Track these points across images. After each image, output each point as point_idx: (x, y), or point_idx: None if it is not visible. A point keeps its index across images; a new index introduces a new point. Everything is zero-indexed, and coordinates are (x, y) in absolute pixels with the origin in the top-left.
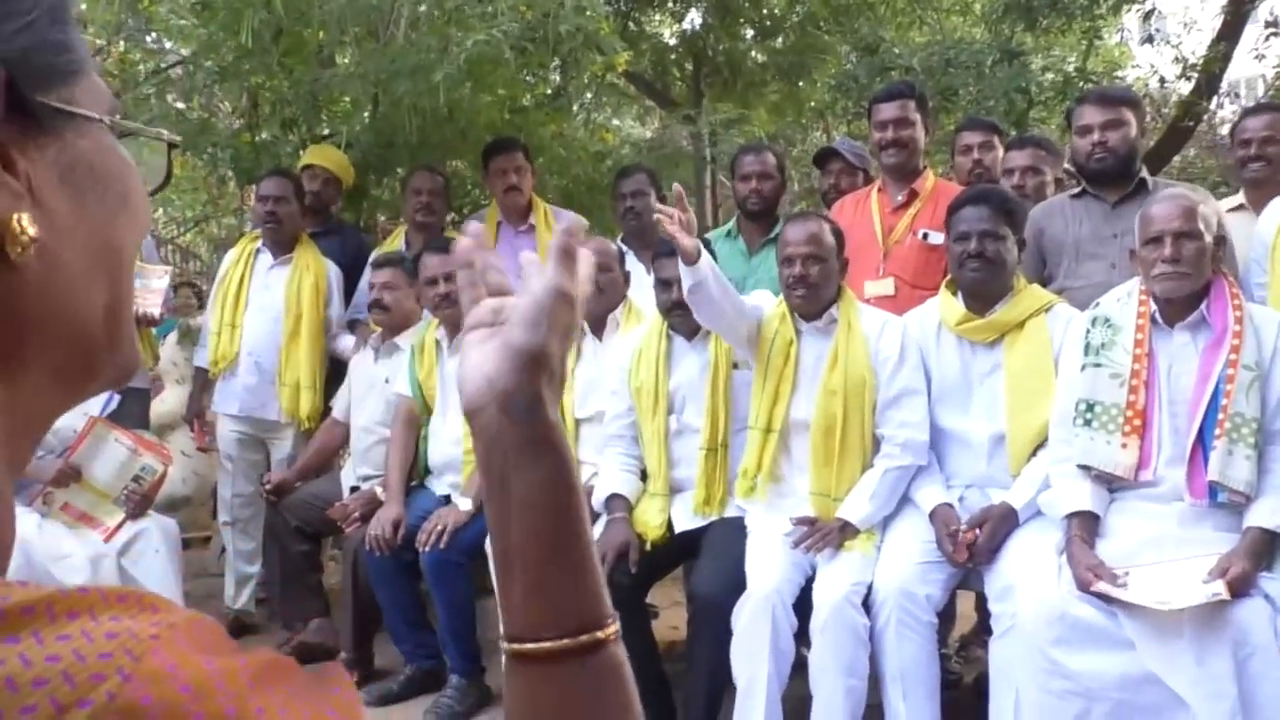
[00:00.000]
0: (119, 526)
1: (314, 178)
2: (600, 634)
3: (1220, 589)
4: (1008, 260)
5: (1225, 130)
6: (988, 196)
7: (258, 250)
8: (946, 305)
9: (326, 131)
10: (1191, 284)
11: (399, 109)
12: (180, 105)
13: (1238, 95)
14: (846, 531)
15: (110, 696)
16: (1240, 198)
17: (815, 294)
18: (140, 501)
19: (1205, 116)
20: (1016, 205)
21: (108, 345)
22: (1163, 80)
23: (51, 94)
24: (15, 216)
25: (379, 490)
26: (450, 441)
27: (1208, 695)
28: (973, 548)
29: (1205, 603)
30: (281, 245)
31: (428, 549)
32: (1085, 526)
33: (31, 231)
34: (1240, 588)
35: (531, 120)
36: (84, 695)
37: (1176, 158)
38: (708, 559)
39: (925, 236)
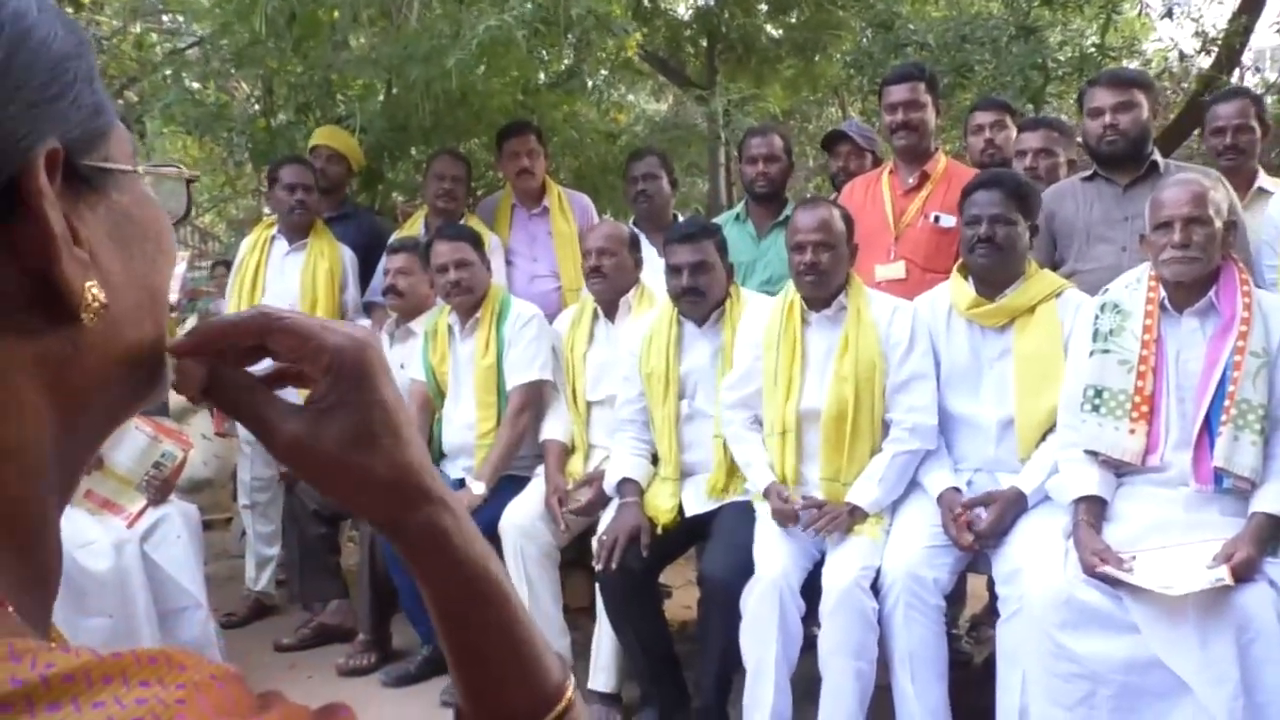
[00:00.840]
0: (141, 513)
1: (318, 156)
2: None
3: (1224, 574)
4: (1018, 245)
5: None
6: (1001, 180)
7: (273, 237)
8: (957, 289)
9: (342, 113)
10: (1200, 269)
11: (412, 93)
12: (196, 86)
13: (1259, 69)
14: (855, 515)
15: None
16: None
17: (825, 281)
18: (161, 487)
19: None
20: (1029, 190)
21: (155, 373)
22: (1182, 54)
23: (94, 155)
24: (87, 285)
25: None
26: (463, 426)
27: (1211, 680)
28: (974, 529)
29: (1209, 588)
30: (297, 231)
31: None
32: (1092, 511)
33: (102, 298)
34: (1245, 573)
35: (544, 102)
36: None
37: (1196, 132)
38: (717, 543)
39: (937, 219)
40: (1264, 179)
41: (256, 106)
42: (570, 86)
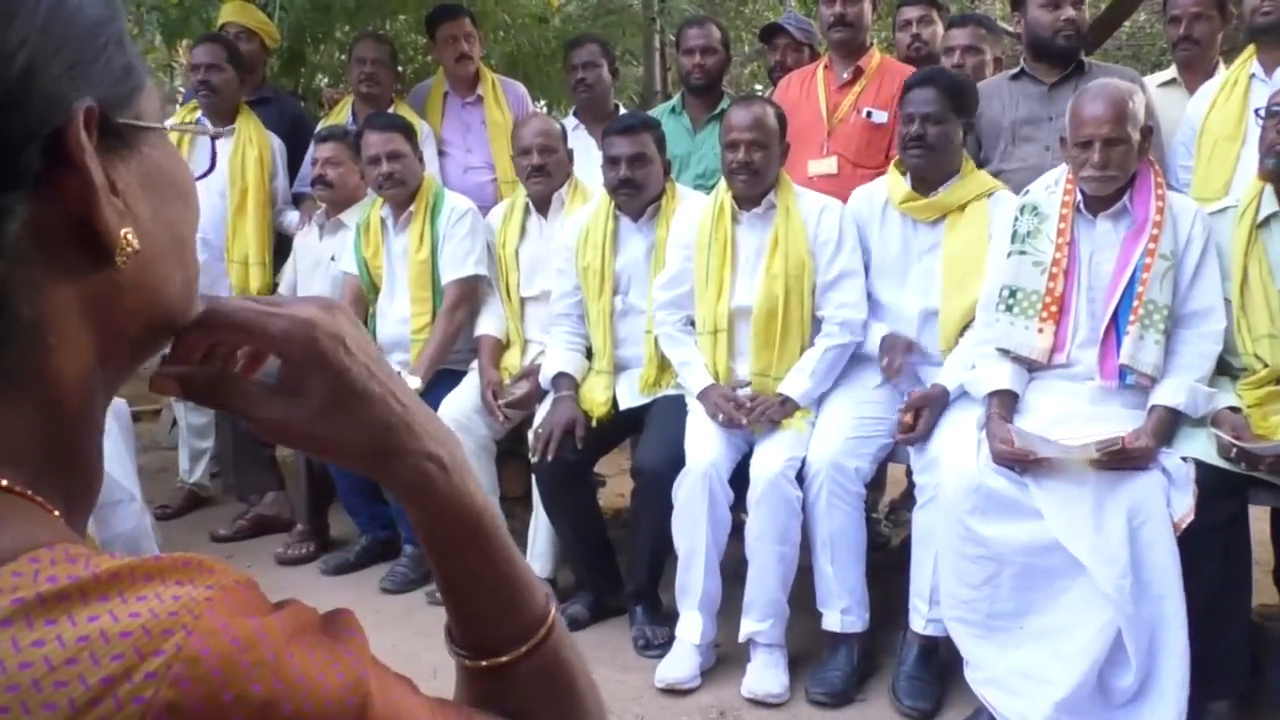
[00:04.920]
0: None
1: (227, 35)
2: (529, 645)
3: (1117, 441)
4: (950, 144)
5: None
6: (936, 78)
7: (197, 121)
8: (894, 183)
9: None
10: (1117, 184)
11: None
12: None
13: None
14: (786, 406)
15: (178, 648)
16: (1173, 72)
17: (758, 179)
18: None
19: None
20: (966, 88)
21: (184, 313)
22: None
23: (126, 112)
24: (124, 232)
25: None
26: (397, 320)
27: (1102, 560)
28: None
29: (1108, 450)
30: (221, 116)
31: None
32: (1004, 404)
33: (135, 244)
34: (1142, 460)
35: None
36: (159, 646)
37: (1126, 23)
38: (651, 435)
39: (869, 115)
40: (1223, 72)
41: None
42: None
